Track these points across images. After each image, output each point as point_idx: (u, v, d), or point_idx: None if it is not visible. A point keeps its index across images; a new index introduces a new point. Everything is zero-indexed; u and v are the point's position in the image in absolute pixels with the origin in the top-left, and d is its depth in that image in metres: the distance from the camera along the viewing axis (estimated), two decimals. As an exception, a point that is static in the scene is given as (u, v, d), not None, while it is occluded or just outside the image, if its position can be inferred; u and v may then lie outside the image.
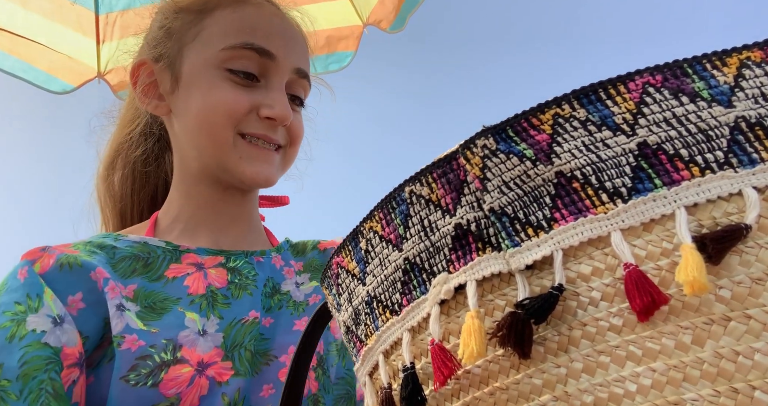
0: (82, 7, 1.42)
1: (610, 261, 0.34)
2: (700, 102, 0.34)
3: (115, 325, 0.65)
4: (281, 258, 0.87)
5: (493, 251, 0.37)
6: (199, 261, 0.78)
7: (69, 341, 0.64)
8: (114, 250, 0.74)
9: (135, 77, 0.85)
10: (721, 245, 0.31)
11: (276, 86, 0.80)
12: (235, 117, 0.76)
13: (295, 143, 0.85)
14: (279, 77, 0.80)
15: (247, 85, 0.78)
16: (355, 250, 0.45)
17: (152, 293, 0.71)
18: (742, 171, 0.33)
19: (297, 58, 0.82)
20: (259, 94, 0.79)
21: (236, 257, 0.81)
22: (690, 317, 0.31)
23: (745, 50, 0.35)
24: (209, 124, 0.77)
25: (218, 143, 0.77)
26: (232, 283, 0.77)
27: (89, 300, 0.67)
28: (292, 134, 0.84)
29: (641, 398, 0.31)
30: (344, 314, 0.47)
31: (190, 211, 0.83)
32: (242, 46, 0.78)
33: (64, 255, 0.69)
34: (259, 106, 0.78)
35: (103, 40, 1.44)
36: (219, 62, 0.78)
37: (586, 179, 0.35)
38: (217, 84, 0.77)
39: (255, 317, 0.75)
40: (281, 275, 0.85)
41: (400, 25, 1.42)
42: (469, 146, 0.38)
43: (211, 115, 0.76)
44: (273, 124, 0.79)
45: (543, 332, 0.35)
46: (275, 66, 0.79)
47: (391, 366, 0.42)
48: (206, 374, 0.66)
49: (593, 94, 0.36)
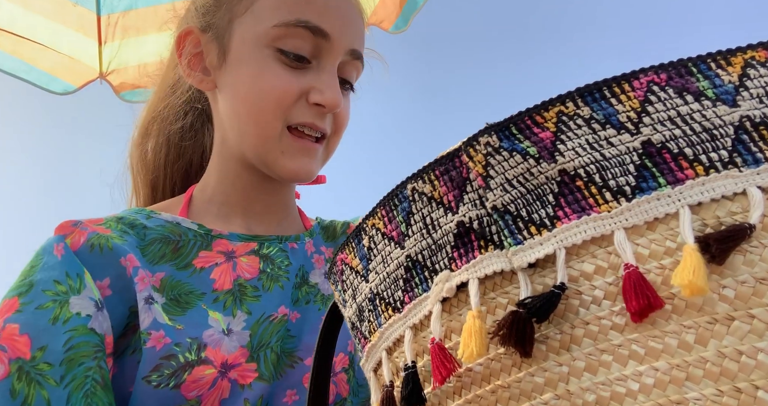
0: (84, 8, 1.42)
1: (613, 260, 0.34)
2: (704, 101, 0.34)
3: (142, 320, 0.63)
4: (313, 243, 0.83)
5: (495, 249, 0.37)
6: (230, 248, 0.74)
7: (108, 328, 0.62)
8: (145, 230, 0.71)
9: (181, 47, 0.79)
10: (725, 245, 0.31)
11: (328, 69, 0.74)
12: (285, 105, 0.72)
13: (339, 131, 0.79)
14: (332, 59, 0.74)
15: (298, 67, 0.73)
16: (358, 247, 0.45)
17: (179, 284, 0.69)
18: (747, 170, 0.33)
19: (353, 38, 0.76)
20: (310, 77, 0.73)
21: (270, 242, 0.78)
22: (693, 317, 0.31)
23: (749, 50, 0.35)
24: (257, 111, 0.72)
25: (264, 134, 0.73)
26: (264, 272, 0.74)
27: (117, 287, 0.64)
28: (338, 122, 0.78)
29: (644, 397, 0.31)
30: (349, 311, 0.47)
31: (225, 192, 0.79)
32: (295, 23, 0.71)
33: (96, 234, 0.66)
34: (309, 90, 0.72)
35: (105, 40, 1.44)
36: (270, 40, 0.72)
37: (589, 177, 0.35)
38: (267, 65, 0.72)
39: (284, 313, 0.72)
40: (311, 263, 0.81)
41: (403, 26, 1.42)
42: (472, 144, 0.38)
43: (259, 102, 0.72)
44: (321, 111, 0.73)
45: (545, 330, 0.35)
46: (329, 46, 0.73)
47: (394, 363, 0.42)
48: (229, 377, 0.64)
49: (597, 92, 0.36)
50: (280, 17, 0.72)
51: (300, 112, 0.72)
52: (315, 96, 0.72)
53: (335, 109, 0.73)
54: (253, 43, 0.73)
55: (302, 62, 0.72)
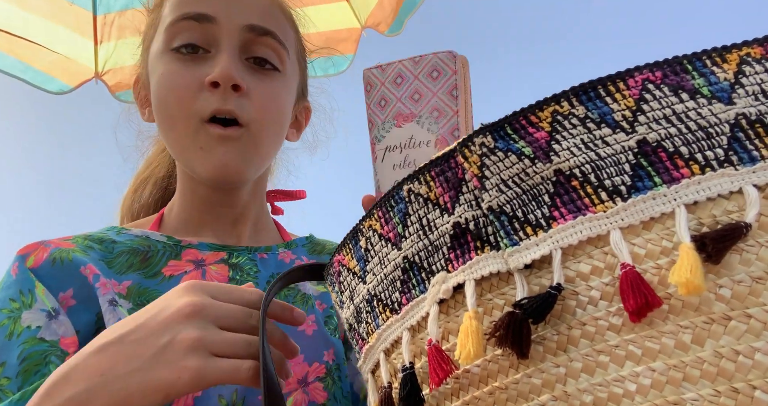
0: (80, 8, 1.42)
1: (610, 260, 0.34)
2: (700, 99, 0.34)
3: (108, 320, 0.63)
4: (291, 253, 0.82)
5: (491, 250, 0.37)
6: (199, 257, 0.75)
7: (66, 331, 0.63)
8: (113, 244, 0.72)
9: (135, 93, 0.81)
10: (722, 245, 0.31)
11: (222, 49, 0.70)
12: (187, 98, 0.68)
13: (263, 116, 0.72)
14: (225, 40, 0.70)
15: (196, 59, 0.70)
16: (356, 248, 0.45)
17: (147, 291, 0.69)
18: (743, 169, 0.33)
19: (246, 14, 0.71)
20: (208, 63, 0.69)
21: (239, 253, 0.77)
22: (690, 317, 0.31)
23: (745, 46, 0.35)
24: (168, 115, 0.70)
25: (179, 134, 0.70)
26: (233, 279, 0.74)
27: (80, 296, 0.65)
28: (255, 104, 0.71)
29: (641, 397, 0.31)
30: (346, 312, 0.47)
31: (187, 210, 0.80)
32: (179, 19, 0.70)
33: (58, 249, 0.67)
34: (206, 76, 0.68)
35: (101, 40, 1.44)
36: (165, 45, 0.71)
37: (585, 177, 0.35)
38: (166, 68, 0.70)
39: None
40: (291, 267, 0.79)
41: (398, 29, 1.42)
42: (467, 144, 0.38)
43: (166, 106, 0.70)
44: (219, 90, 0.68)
45: (542, 331, 0.35)
46: (218, 29, 0.70)
47: (392, 365, 0.42)
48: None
49: (592, 90, 0.36)
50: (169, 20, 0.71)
51: (206, 101, 0.68)
52: (208, 77, 0.68)
53: (229, 81, 0.67)
54: (157, 56, 0.72)
55: (198, 53, 0.70)
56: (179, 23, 0.70)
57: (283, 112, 0.76)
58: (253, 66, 0.72)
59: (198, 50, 0.70)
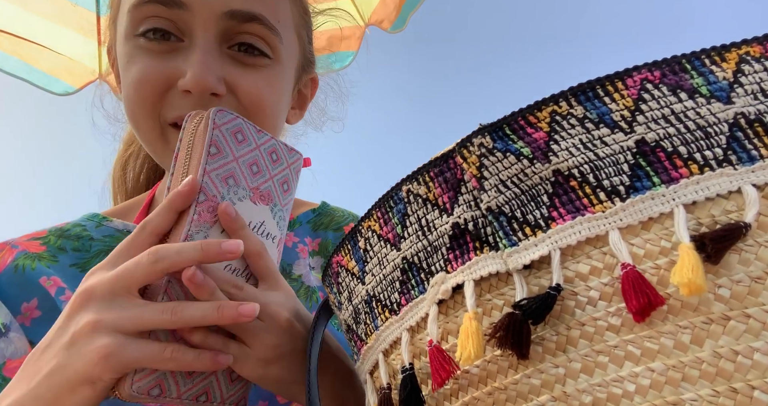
0: (84, 9, 1.42)
1: (609, 260, 0.34)
2: (698, 98, 0.34)
3: None
4: (293, 235, 0.75)
5: (490, 250, 0.37)
6: None
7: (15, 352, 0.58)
8: (91, 242, 0.67)
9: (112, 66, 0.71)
10: (721, 245, 0.31)
11: (197, 43, 0.59)
12: (152, 98, 0.59)
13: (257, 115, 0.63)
14: (200, 30, 0.59)
15: (164, 50, 0.60)
16: (354, 249, 0.45)
17: None
18: (742, 168, 0.32)
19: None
20: (180, 57, 0.60)
21: None
22: (689, 317, 0.31)
23: (744, 45, 0.35)
24: (132, 111, 0.61)
25: (146, 137, 0.62)
26: None
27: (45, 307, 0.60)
28: (247, 103, 0.62)
29: (640, 398, 0.31)
30: (345, 313, 0.47)
31: None
32: (144, 1, 0.59)
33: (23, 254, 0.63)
34: (177, 76, 0.59)
35: (105, 41, 1.44)
36: (130, 29, 0.60)
37: (583, 178, 0.35)
38: (133, 57, 0.60)
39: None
40: (294, 253, 0.74)
41: (401, 25, 1.41)
42: (466, 145, 0.38)
43: (131, 102, 0.61)
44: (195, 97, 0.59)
45: (541, 332, 0.35)
46: (190, 16, 0.59)
47: (391, 366, 0.42)
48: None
49: (591, 91, 0.36)
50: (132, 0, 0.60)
51: (173, 105, 0.60)
52: (180, 81, 0.58)
53: (205, 92, 0.58)
54: (121, 39, 0.62)
55: (169, 40, 0.60)
56: (143, 6, 0.59)
57: (276, 104, 0.66)
58: (236, 54, 0.62)
59: (169, 36, 0.60)
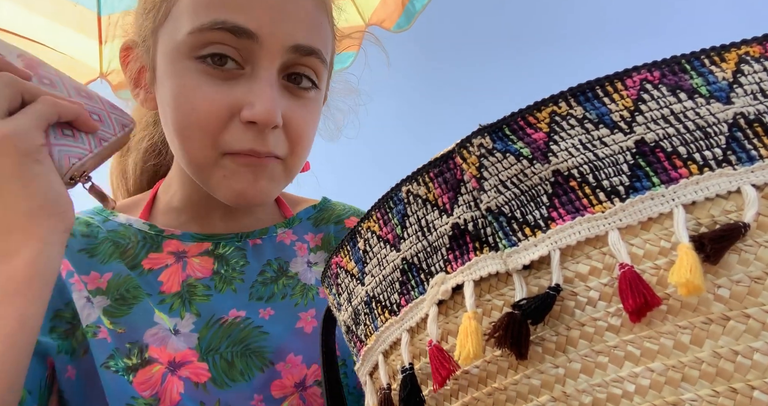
0: (84, 8, 1.42)
1: (608, 260, 0.34)
2: (698, 98, 0.34)
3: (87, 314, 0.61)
4: (292, 232, 0.75)
5: (490, 250, 0.37)
6: (181, 249, 0.70)
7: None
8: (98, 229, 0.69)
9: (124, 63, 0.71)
10: (720, 245, 0.31)
11: (261, 75, 0.60)
12: (213, 128, 0.60)
13: (298, 150, 0.65)
14: (266, 62, 0.60)
15: (227, 77, 0.60)
16: (354, 250, 0.45)
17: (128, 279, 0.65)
18: (741, 168, 0.32)
19: (293, 32, 0.60)
20: (242, 88, 0.60)
21: (227, 242, 0.71)
22: (688, 317, 0.31)
23: (743, 45, 0.35)
24: (184, 138, 0.61)
25: (197, 163, 0.62)
26: (218, 273, 0.69)
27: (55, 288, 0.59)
28: (293, 138, 0.64)
29: (639, 398, 0.31)
30: (344, 314, 0.47)
31: (185, 194, 0.73)
32: (211, 26, 0.58)
33: None
34: (240, 106, 0.59)
35: (105, 40, 1.44)
36: (188, 50, 0.60)
37: (583, 178, 0.35)
38: (189, 80, 0.60)
39: (237, 316, 0.66)
40: (292, 250, 0.74)
41: (405, 25, 1.41)
42: (466, 145, 0.38)
43: (185, 128, 0.61)
44: (257, 129, 0.60)
45: (541, 332, 0.35)
46: (259, 48, 0.59)
47: (391, 366, 0.42)
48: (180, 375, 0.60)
49: (590, 91, 0.36)
50: (195, 21, 0.59)
51: (235, 137, 0.60)
52: (245, 112, 0.59)
53: (269, 124, 0.60)
54: (173, 54, 0.61)
55: (230, 70, 0.60)
56: (211, 33, 0.59)
57: (313, 135, 0.68)
58: (288, 84, 0.63)
59: (228, 61, 0.60)
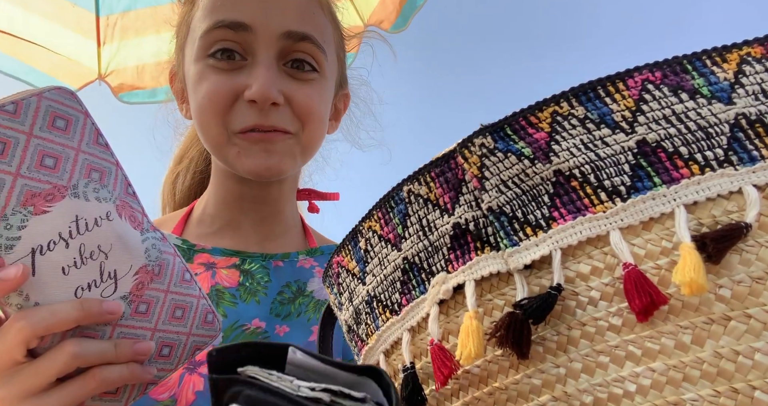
0: (83, 9, 1.42)
1: (609, 260, 0.34)
2: (699, 99, 0.34)
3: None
4: (313, 260, 0.82)
5: (491, 250, 0.37)
6: (211, 261, 0.75)
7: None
8: None
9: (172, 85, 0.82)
10: (722, 245, 0.31)
11: (259, 60, 0.69)
12: (221, 109, 0.69)
13: (310, 123, 0.73)
14: (262, 49, 0.69)
15: (231, 68, 0.70)
16: (355, 249, 0.45)
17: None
18: (742, 169, 0.32)
19: (283, 20, 0.70)
20: (245, 74, 0.70)
21: (252, 259, 0.77)
22: (690, 317, 0.31)
23: (745, 46, 0.35)
24: (202, 122, 0.71)
25: (214, 142, 0.72)
26: (243, 285, 0.74)
27: None
28: (300, 113, 0.72)
29: (641, 398, 0.31)
30: (345, 313, 0.47)
31: (218, 207, 0.80)
32: (213, 26, 0.69)
33: None
34: (243, 89, 0.69)
35: (104, 42, 1.44)
36: (202, 52, 0.71)
37: (584, 178, 0.35)
38: (203, 76, 0.70)
39: (258, 326, 0.71)
40: (311, 272, 0.80)
41: (402, 25, 1.41)
42: (467, 145, 0.38)
43: (201, 115, 0.70)
44: (259, 106, 0.68)
45: (542, 332, 0.35)
46: (254, 37, 0.69)
47: (392, 366, 0.42)
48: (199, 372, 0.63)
49: (592, 91, 0.36)
50: (204, 26, 0.70)
51: (240, 116, 0.69)
52: (246, 93, 0.68)
53: (267, 101, 0.68)
54: (194, 62, 0.72)
55: (234, 59, 0.70)
56: (214, 32, 0.69)
57: (325, 113, 0.76)
58: (290, 70, 0.72)
59: (234, 56, 0.70)
